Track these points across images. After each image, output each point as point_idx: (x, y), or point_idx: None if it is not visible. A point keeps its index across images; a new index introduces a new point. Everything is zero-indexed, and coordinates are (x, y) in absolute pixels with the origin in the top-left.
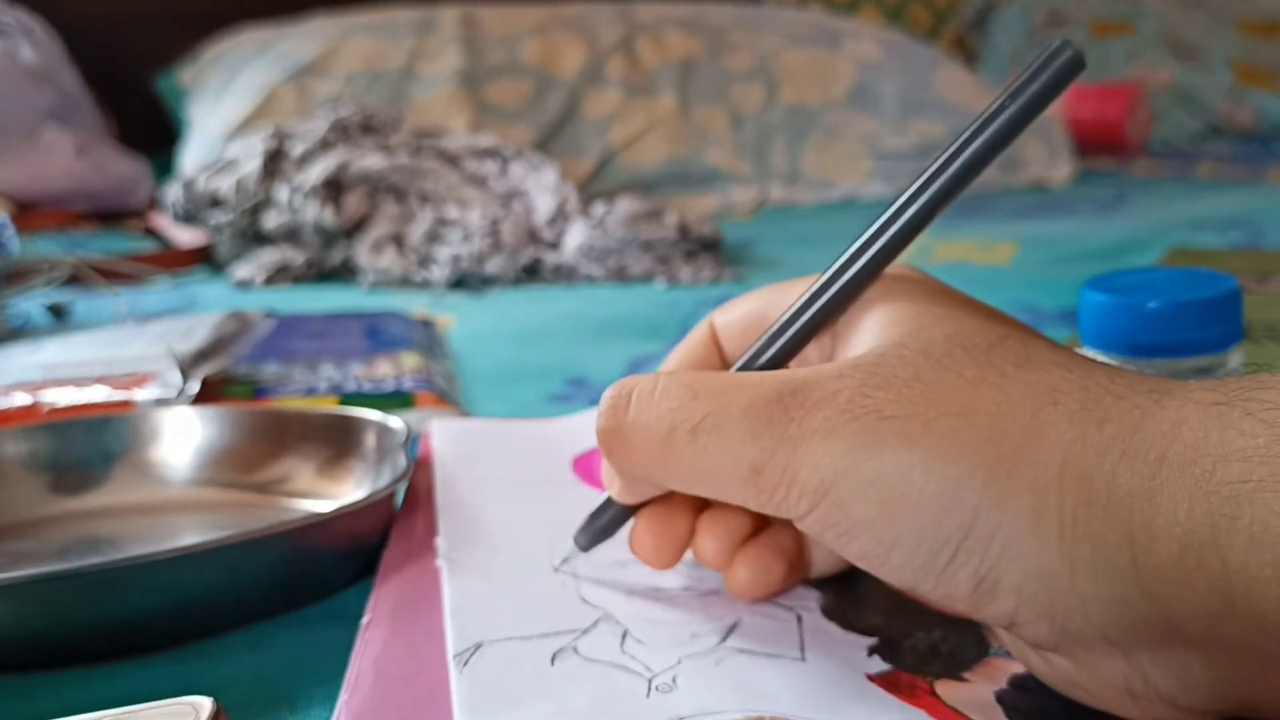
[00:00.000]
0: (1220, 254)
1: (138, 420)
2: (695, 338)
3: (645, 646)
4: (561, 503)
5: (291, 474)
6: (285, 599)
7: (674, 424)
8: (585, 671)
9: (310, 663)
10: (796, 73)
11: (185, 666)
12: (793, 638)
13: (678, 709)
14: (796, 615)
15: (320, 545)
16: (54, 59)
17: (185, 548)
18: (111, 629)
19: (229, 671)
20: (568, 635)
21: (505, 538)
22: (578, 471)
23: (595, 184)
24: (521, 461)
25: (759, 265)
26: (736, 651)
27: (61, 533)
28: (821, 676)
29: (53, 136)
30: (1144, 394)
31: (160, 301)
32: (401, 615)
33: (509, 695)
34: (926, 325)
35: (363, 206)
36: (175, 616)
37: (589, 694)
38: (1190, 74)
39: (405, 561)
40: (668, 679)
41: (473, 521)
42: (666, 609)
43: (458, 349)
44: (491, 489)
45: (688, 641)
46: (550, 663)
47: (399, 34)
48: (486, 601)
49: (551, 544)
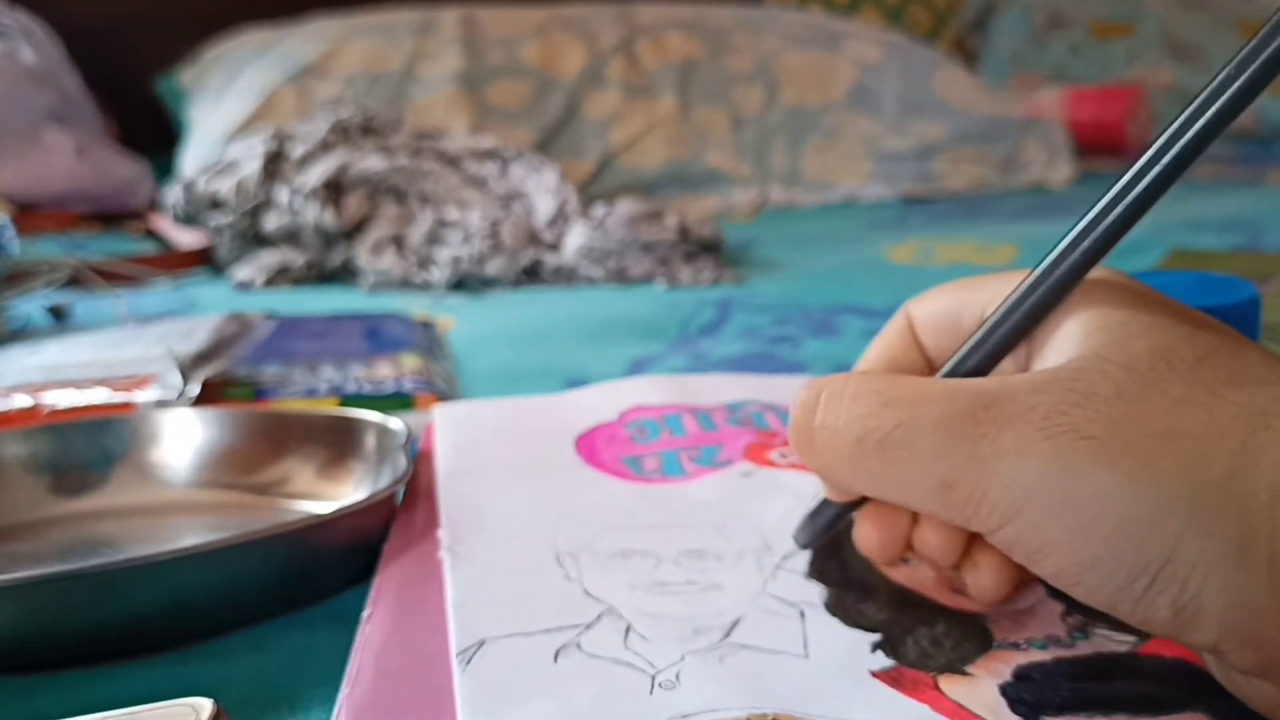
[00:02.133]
0: (1219, 255)
1: (138, 422)
2: (893, 330)
3: (648, 643)
4: (565, 487)
5: (292, 475)
6: (285, 600)
7: (863, 432)
8: (588, 669)
9: (310, 664)
10: (797, 74)
11: (185, 668)
12: (796, 634)
13: (681, 706)
14: (799, 612)
15: (320, 546)
16: (54, 60)
17: (185, 549)
18: (112, 630)
19: (229, 672)
20: (571, 631)
21: (508, 528)
22: (580, 452)
23: (595, 185)
24: (524, 444)
25: (759, 267)
26: (740, 648)
27: (62, 534)
28: (825, 673)
29: (53, 138)
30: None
31: (160, 303)
32: (402, 609)
33: (512, 694)
34: (1131, 336)
35: (363, 208)
36: (175, 617)
37: (592, 692)
38: (1190, 75)
39: (405, 556)
40: (671, 676)
41: (475, 511)
42: (670, 603)
43: (458, 350)
44: (494, 476)
45: (691, 637)
46: (554, 660)
47: (399, 35)
48: (489, 595)
49: (554, 533)
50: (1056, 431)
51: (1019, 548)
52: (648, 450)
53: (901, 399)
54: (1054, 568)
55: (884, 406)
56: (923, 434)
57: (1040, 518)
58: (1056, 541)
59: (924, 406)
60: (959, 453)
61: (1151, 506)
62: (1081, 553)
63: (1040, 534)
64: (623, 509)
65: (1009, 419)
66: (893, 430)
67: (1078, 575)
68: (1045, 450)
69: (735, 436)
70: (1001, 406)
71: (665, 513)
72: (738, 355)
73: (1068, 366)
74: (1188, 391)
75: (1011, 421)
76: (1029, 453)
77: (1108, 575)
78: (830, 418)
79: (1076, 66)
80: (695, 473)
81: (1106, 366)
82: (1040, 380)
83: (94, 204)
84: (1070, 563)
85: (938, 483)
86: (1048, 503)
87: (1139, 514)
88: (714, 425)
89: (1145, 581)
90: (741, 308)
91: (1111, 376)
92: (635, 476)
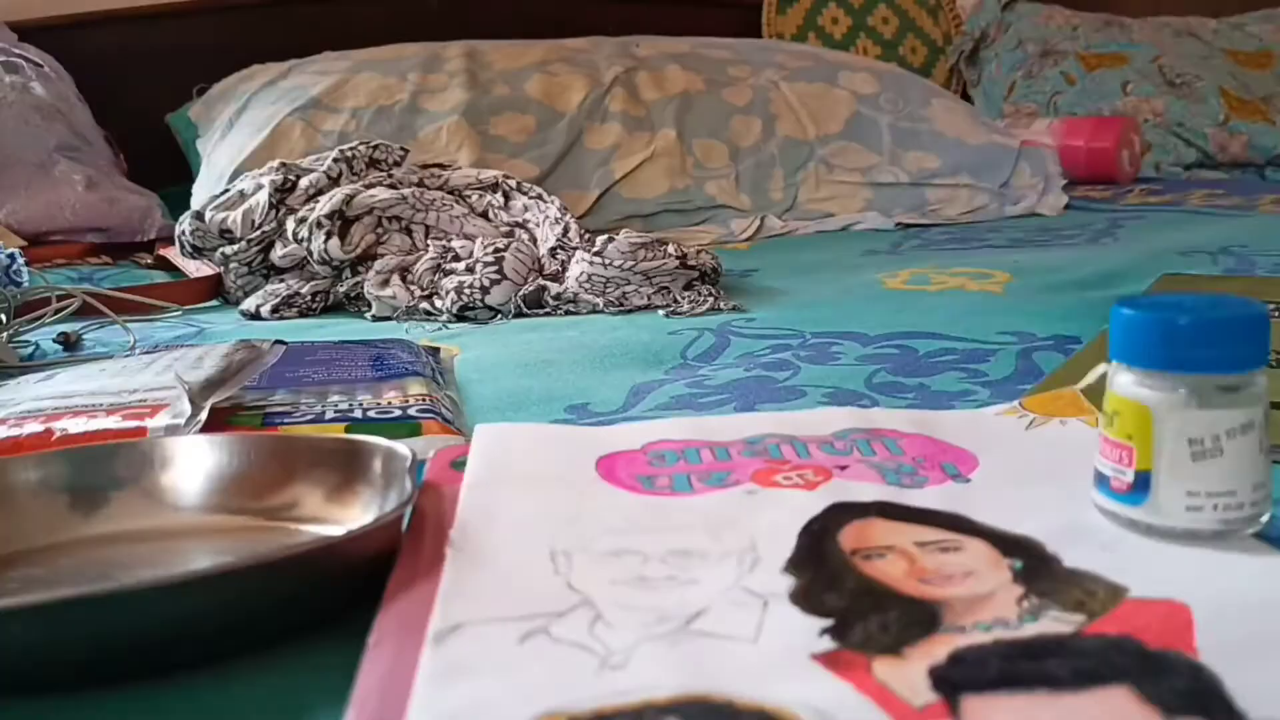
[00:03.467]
0: (1210, 280)
1: (148, 448)
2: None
3: (612, 629)
4: (577, 496)
5: (300, 500)
6: (293, 622)
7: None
8: (548, 651)
9: (318, 685)
10: (794, 105)
11: (195, 689)
12: (752, 622)
13: (620, 685)
14: (764, 602)
15: (328, 569)
16: (65, 94)
17: (195, 573)
18: (123, 653)
19: (238, 694)
20: (543, 619)
21: (514, 528)
22: (600, 470)
23: (597, 216)
24: (549, 461)
25: (758, 295)
26: (696, 634)
27: (74, 558)
28: (765, 656)
29: (63, 170)
30: None
31: (170, 333)
32: (407, 636)
33: (469, 670)
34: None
35: (369, 239)
36: (186, 640)
37: (544, 671)
38: (1182, 104)
39: (411, 583)
40: (621, 658)
41: (487, 513)
42: (644, 596)
43: (463, 377)
44: (514, 485)
45: (653, 625)
46: (519, 643)
47: (405, 70)
48: (478, 585)
49: (556, 534)
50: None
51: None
52: (662, 472)
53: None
54: None
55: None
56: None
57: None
58: None
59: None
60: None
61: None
62: None
63: None
64: (625, 516)
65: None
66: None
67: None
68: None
69: (747, 464)
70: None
71: (664, 519)
72: (737, 381)
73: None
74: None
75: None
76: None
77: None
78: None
79: (1069, 96)
80: (702, 490)
81: None
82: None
83: (104, 236)
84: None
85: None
86: None
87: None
88: (729, 456)
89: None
90: (740, 335)
91: None
92: (646, 491)
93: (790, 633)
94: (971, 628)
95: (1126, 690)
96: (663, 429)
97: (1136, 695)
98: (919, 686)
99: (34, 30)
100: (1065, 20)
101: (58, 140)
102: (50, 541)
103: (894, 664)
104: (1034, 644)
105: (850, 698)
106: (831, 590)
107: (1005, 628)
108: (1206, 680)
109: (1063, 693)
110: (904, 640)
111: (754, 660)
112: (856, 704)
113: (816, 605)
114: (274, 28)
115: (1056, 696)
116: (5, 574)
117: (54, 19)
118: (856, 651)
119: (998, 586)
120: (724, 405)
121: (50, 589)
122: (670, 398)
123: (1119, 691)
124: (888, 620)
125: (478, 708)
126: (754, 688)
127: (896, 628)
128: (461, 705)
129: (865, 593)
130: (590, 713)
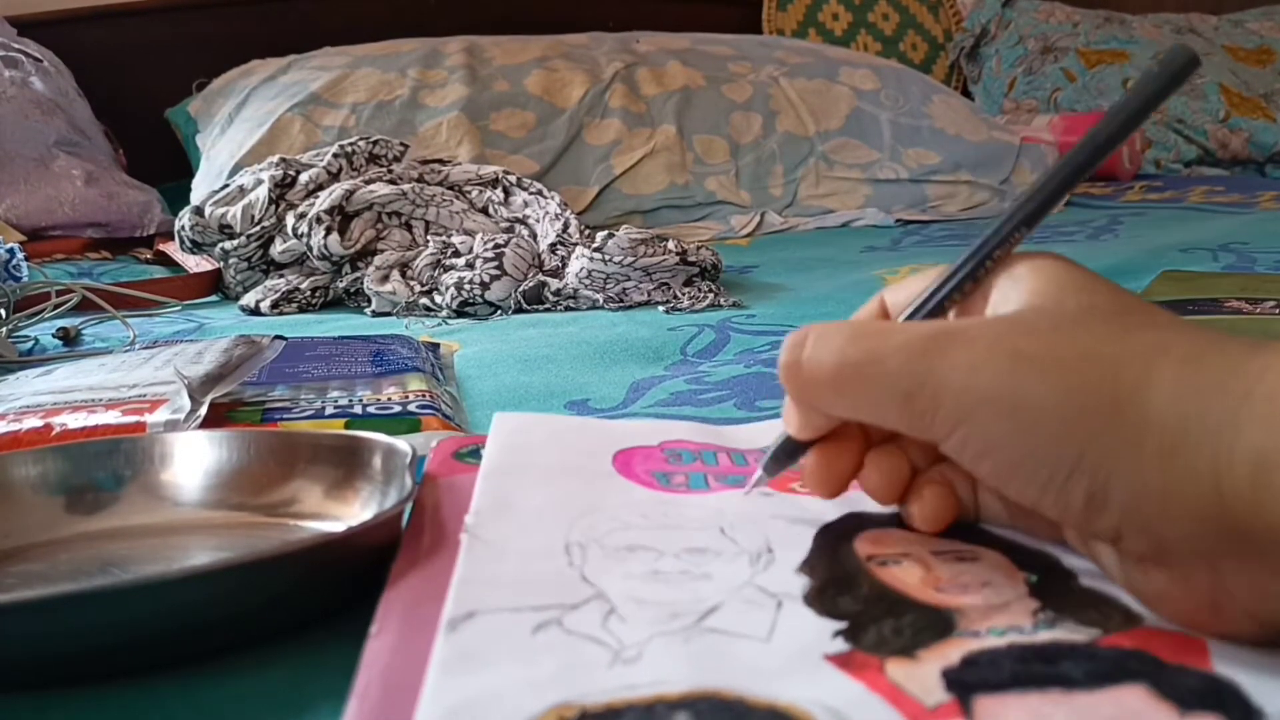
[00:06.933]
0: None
1: (148, 443)
2: (866, 310)
3: (626, 624)
4: (593, 489)
5: (300, 496)
6: (293, 618)
7: (842, 359)
8: (561, 643)
9: (318, 681)
10: (794, 101)
11: (195, 685)
12: (766, 621)
13: (632, 679)
14: (778, 602)
15: (328, 565)
16: (65, 89)
17: (195, 568)
18: (122, 649)
19: (237, 689)
20: (557, 610)
21: (529, 518)
22: (616, 464)
23: (597, 211)
24: (565, 452)
25: (758, 291)
26: (708, 631)
27: (73, 554)
28: (778, 655)
29: (63, 165)
30: (1240, 346)
31: (169, 327)
32: (409, 626)
33: (482, 660)
34: (1065, 295)
35: (369, 234)
36: (185, 636)
37: (557, 663)
38: (1182, 101)
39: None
40: (634, 652)
41: (503, 501)
42: (659, 590)
43: (462, 373)
44: (530, 474)
45: (666, 620)
46: (532, 634)
47: (404, 65)
48: (493, 574)
49: (571, 526)
50: (1001, 353)
51: (967, 451)
52: (679, 470)
53: (873, 332)
54: (993, 468)
55: (858, 338)
56: (889, 355)
57: (985, 421)
58: (997, 443)
59: (891, 336)
60: (919, 368)
61: (1075, 411)
62: (1018, 451)
63: (984, 437)
64: (640, 511)
65: (962, 343)
66: (865, 355)
67: (1012, 471)
68: (991, 366)
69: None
70: (956, 335)
71: (680, 517)
72: (736, 377)
73: (1012, 313)
74: (1108, 330)
75: (964, 345)
76: (978, 369)
77: (1034, 469)
78: (816, 350)
79: (1069, 92)
80: (718, 490)
81: (1044, 311)
82: (988, 319)
83: (103, 231)
84: (1007, 462)
85: (901, 395)
86: (992, 409)
87: (1063, 417)
88: (746, 461)
89: (1065, 473)
90: (740, 331)
91: (1049, 315)
92: (661, 487)
93: (803, 633)
94: (986, 633)
95: (1141, 688)
96: (681, 430)
97: (1151, 692)
98: (931, 686)
99: (33, 25)
100: (1066, 16)
101: (57, 135)
102: (49, 537)
103: (907, 665)
104: (1048, 648)
105: (862, 696)
106: (846, 593)
107: (1020, 633)
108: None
109: (1076, 692)
110: (918, 643)
111: (766, 659)
112: (868, 702)
113: (830, 607)
114: (274, 23)
115: (1070, 695)
116: (4, 569)
117: (53, 13)
118: (870, 653)
119: (1014, 598)
120: (724, 401)
121: (49, 584)
122: (670, 394)
123: (1134, 689)
124: (902, 624)
125: (490, 698)
126: (766, 685)
127: (910, 632)
128: (474, 695)
129: (880, 597)
130: (602, 706)
